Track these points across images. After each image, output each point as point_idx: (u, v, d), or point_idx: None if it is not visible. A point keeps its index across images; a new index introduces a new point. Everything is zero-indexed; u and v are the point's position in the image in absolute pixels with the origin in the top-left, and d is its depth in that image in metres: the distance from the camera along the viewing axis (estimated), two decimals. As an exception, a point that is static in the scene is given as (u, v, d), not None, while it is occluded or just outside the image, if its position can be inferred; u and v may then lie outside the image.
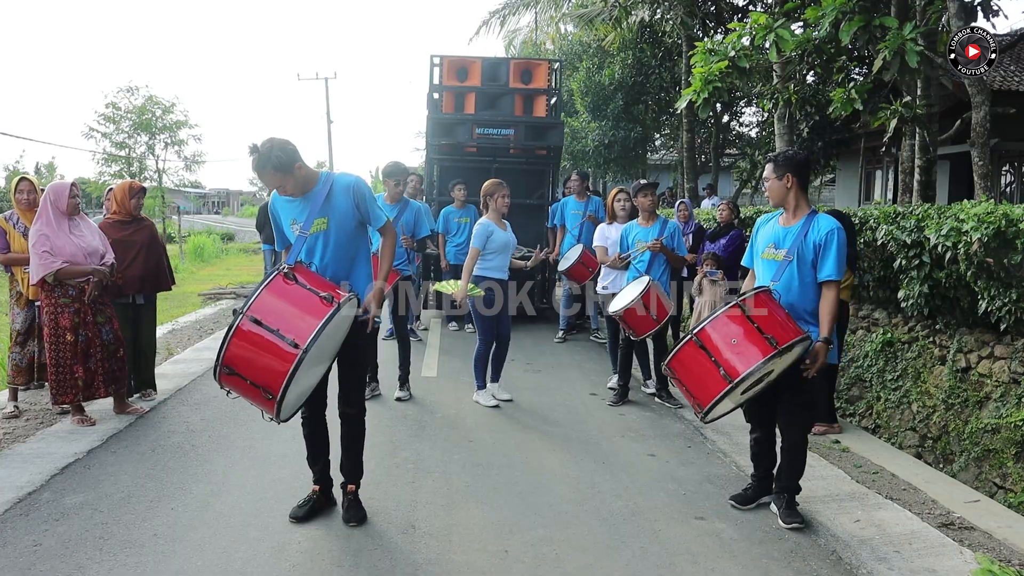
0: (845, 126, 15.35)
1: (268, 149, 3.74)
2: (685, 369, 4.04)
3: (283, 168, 3.79)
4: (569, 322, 9.79)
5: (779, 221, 4.24)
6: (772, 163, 4.23)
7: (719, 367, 3.81)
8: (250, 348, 3.52)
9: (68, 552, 3.78)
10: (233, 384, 3.60)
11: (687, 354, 3.99)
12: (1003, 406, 5.18)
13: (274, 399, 3.47)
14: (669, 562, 3.78)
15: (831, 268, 3.99)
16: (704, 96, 7.61)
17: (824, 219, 4.14)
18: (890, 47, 6.56)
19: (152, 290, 6.55)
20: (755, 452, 4.47)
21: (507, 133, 10.50)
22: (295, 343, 3.44)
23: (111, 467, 4.95)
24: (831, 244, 4.00)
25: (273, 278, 3.65)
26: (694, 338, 3.92)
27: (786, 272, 4.08)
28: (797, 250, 4.05)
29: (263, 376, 3.49)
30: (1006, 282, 5.01)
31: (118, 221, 6.37)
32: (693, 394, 4.02)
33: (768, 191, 4.23)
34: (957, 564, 3.77)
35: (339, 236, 3.98)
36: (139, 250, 6.32)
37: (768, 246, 4.20)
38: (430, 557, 3.80)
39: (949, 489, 4.94)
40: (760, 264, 4.28)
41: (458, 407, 6.52)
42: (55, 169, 45.74)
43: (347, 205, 3.96)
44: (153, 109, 21.15)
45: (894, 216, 6.18)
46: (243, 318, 3.51)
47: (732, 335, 3.85)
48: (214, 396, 6.65)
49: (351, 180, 4.03)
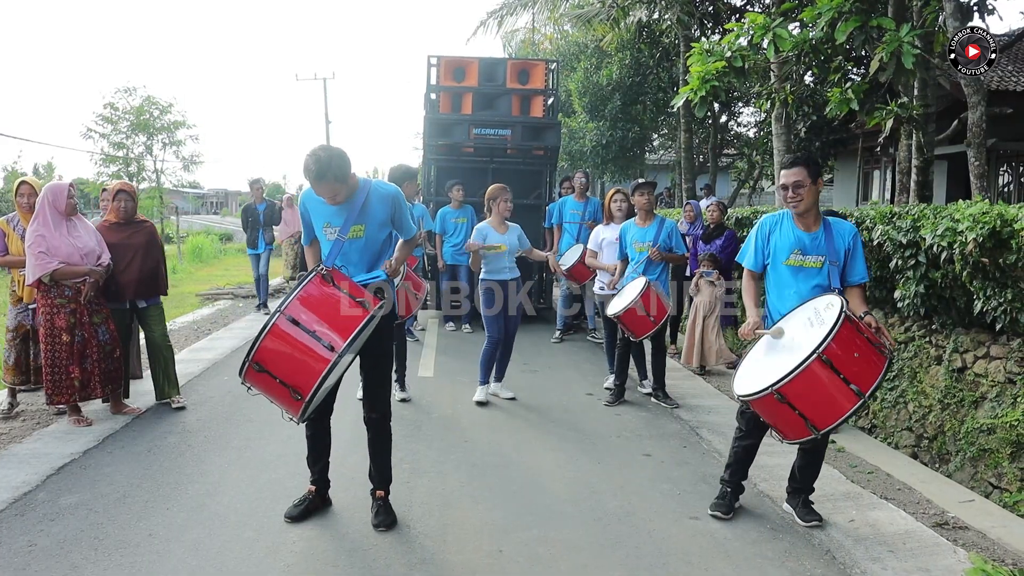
0: (843, 126, 15.36)
1: (328, 159, 3.73)
2: (807, 390, 3.62)
3: (342, 178, 3.81)
4: (567, 322, 9.80)
5: (798, 226, 4.11)
6: (804, 167, 4.03)
7: (849, 384, 3.56)
8: (285, 347, 3.53)
9: (63, 552, 3.78)
10: (259, 381, 3.60)
11: (808, 377, 3.58)
12: (999, 406, 5.18)
13: (302, 399, 3.49)
14: (663, 562, 3.79)
15: (863, 270, 4.06)
16: (701, 95, 7.60)
17: (841, 223, 4.15)
18: (887, 48, 6.56)
19: (150, 295, 6.33)
20: (742, 458, 4.38)
21: (504, 133, 10.52)
22: (331, 346, 3.48)
23: (107, 467, 4.96)
24: (858, 247, 4.05)
25: (311, 279, 3.67)
26: (822, 356, 3.54)
27: (819, 277, 4.03)
28: (833, 256, 4.02)
29: (294, 376, 3.51)
30: (1001, 282, 5.01)
31: (115, 223, 6.21)
32: (808, 417, 3.63)
33: (802, 197, 4.02)
34: (951, 564, 3.77)
35: (372, 243, 4.02)
36: (135, 254, 6.14)
37: (793, 252, 4.07)
38: (424, 557, 3.80)
39: (944, 489, 4.95)
40: (783, 270, 4.12)
41: (454, 407, 6.53)
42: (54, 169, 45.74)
43: (384, 215, 4.00)
44: (151, 109, 21.15)
45: (890, 216, 6.18)
46: (280, 316, 3.53)
47: (855, 350, 3.63)
48: (210, 397, 6.66)
49: (391, 190, 4.06)
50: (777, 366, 3.68)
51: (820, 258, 4.03)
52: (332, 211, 3.97)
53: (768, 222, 4.24)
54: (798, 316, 3.92)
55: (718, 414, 6.36)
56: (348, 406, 5.46)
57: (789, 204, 4.07)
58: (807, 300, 3.95)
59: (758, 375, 3.78)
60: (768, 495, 4.67)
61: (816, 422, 3.60)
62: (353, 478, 4.67)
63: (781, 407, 3.60)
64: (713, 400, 6.93)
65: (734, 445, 4.42)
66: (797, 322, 3.88)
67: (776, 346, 3.90)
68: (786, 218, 4.18)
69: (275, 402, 3.66)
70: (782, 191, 4.10)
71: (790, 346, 3.77)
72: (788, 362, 3.62)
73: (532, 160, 11.04)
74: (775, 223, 4.20)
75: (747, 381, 3.84)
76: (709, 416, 6.37)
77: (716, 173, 17.97)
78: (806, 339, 3.67)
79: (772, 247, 4.17)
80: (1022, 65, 14.71)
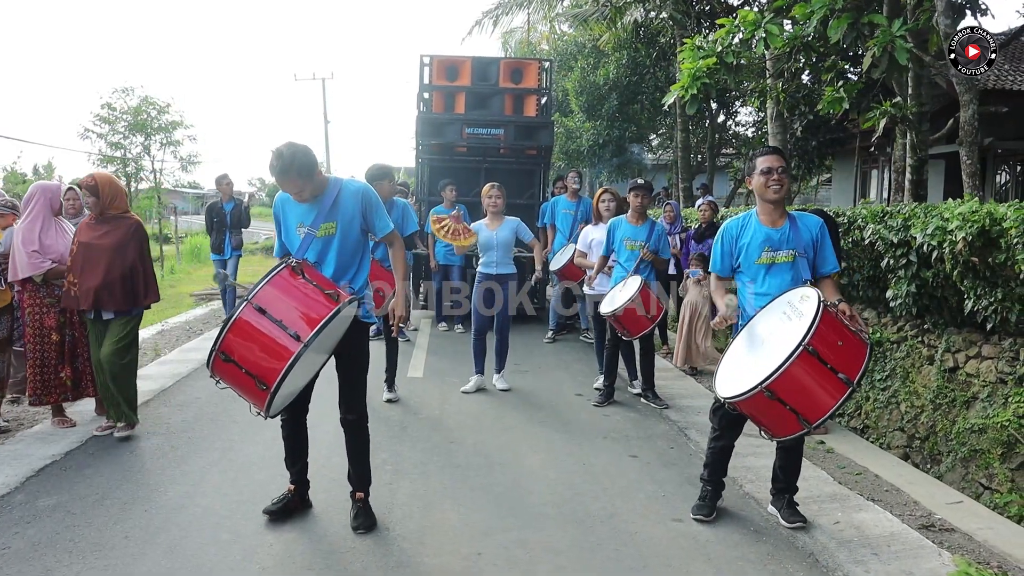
0: (840, 125, 15.31)
1: (292, 155, 3.73)
2: (796, 383, 3.58)
3: (306, 174, 3.79)
4: (559, 322, 9.75)
5: (765, 223, 4.11)
6: (779, 155, 4.09)
7: (836, 373, 3.53)
8: (251, 336, 3.50)
9: (37, 555, 3.74)
10: (226, 372, 3.56)
11: (796, 371, 3.53)
12: (990, 406, 5.14)
13: (267, 389, 3.44)
14: (643, 564, 3.74)
15: (834, 259, 4.13)
16: (692, 93, 7.56)
17: (809, 217, 4.18)
18: (879, 44, 6.52)
19: (116, 305, 5.42)
20: (719, 458, 4.34)
21: (497, 133, 10.50)
22: (297, 336, 3.43)
23: (87, 469, 4.91)
24: (826, 237, 4.10)
25: (280, 270, 3.64)
26: (808, 348, 3.49)
27: (791, 271, 4.03)
28: (802, 248, 4.04)
29: (260, 366, 3.46)
30: (991, 281, 4.97)
31: (92, 221, 5.56)
32: (799, 411, 3.59)
33: (780, 186, 4.04)
34: (935, 566, 3.73)
35: (344, 241, 3.98)
36: (102, 256, 5.38)
37: (764, 250, 4.06)
38: (402, 560, 3.76)
39: (932, 490, 4.90)
40: (756, 269, 4.10)
41: (442, 408, 6.48)
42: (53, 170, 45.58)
43: (354, 211, 3.96)
44: (148, 110, 21.10)
45: (882, 215, 6.14)
46: (247, 306, 3.49)
47: (838, 339, 3.62)
48: (197, 397, 6.62)
49: (360, 186, 4.05)
50: (761, 364, 3.63)
51: (791, 252, 4.03)
52: (304, 210, 3.94)
53: (733, 227, 4.22)
54: (772, 311, 3.88)
55: (707, 415, 6.30)
56: (330, 409, 5.40)
57: (770, 189, 4.04)
58: (780, 294, 3.93)
59: (741, 375, 3.72)
60: (753, 497, 4.62)
61: (807, 415, 3.55)
62: (335, 480, 4.62)
63: (771, 404, 3.55)
64: (703, 401, 6.87)
65: (710, 446, 4.38)
66: (773, 317, 3.84)
67: (756, 344, 3.85)
68: (752, 218, 4.17)
69: (242, 395, 3.62)
70: (764, 176, 4.05)
71: (770, 342, 3.73)
72: (772, 358, 3.57)
73: (525, 160, 11.01)
74: (740, 226, 4.19)
75: (731, 383, 3.77)
76: (698, 417, 6.31)
77: (714, 172, 17.92)
78: (787, 333, 3.62)
79: (741, 249, 4.15)
80: (1019, 64, 14.65)
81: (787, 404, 3.54)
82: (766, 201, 4.10)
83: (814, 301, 3.62)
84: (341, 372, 4.09)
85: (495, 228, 6.95)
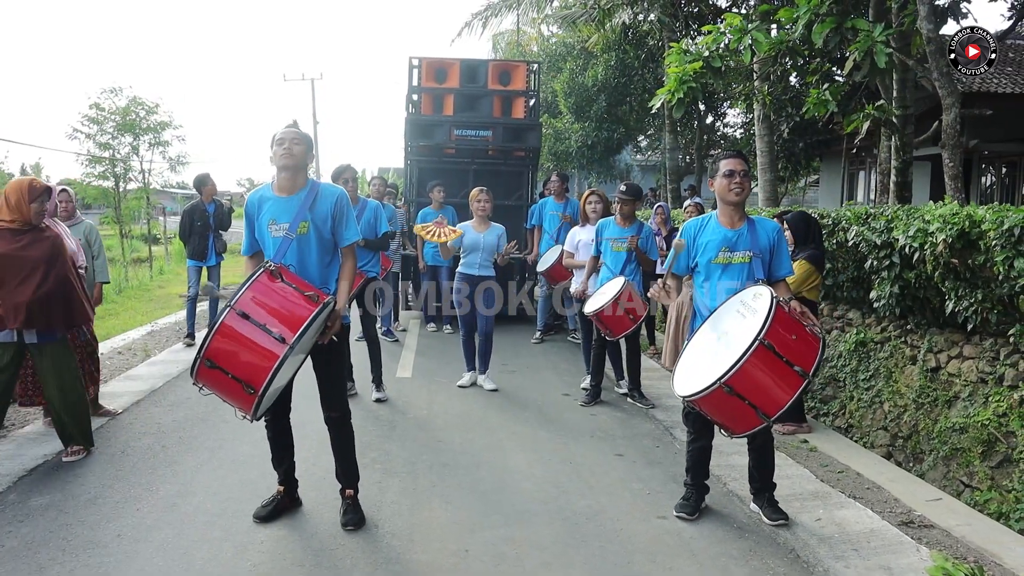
0: (827, 127, 15.43)
1: (302, 131, 4.01)
2: (753, 378, 3.64)
3: (308, 148, 4.01)
4: (547, 323, 9.81)
5: (724, 224, 4.21)
6: (741, 159, 4.19)
7: (792, 366, 3.61)
8: (235, 341, 3.53)
9: (30, 553, 3.77)
10: (211, 379, 3.59)
11: (753, 366, 3.60)
12: (971, 405, 5.22)
13: (255, 393, 3.48)
14: (627, 560, 3.80)
15: (788, 264, 4.24)
16: (679, 96, 7.64)
17: (765, 220, 4.32)
18: (860, 48, 6.61)
19: (50, 324, 4.98)
20: (699, 460, 4.40)
21: (485, 135, 10.55)
22: (282, 338, 3.47)
23: (79, 468, 4.94)
24: (782, 242, 4.22)
25: (259, 275, 3.67)
26: (764, 342, 3.55)
27: (747, 272, 4.12)
28: (758, 250, 4.14)
29: (246, 370, 3.50)
30: (971, 283, 5.05)
31: (7, 229, 4.89)
32: (757, 406, 3.65)
33: (741, 189, 4.14)
34: (913, 562, 3.80)
35: (319, 242, 4.01)
36: (32, 270, 4.86)
37: (721, 250, 4.16)
38: (391, 556, 3.81)
39: (912, 488, 4.98)
40: (712, 268, 4.19)
41: (430, 408, 6.54)
42: (41, 170, 45.45)
43: (327, 213, 4.00)
44: (136, 110, 21.05)
45: (865, 217, 6.23)
46: (230, 312, 3.53)
47: (791, 333, 3.70)
48: (187, 398, 6.65)
49: (336, 190, 4.09)
50: (718, 360, 3.71)
51: (747, 253, 4.14)
52: (280, 207, 3.95)
53: (691, 226, 4.33)
54: (728, 310, 3.97)
55: (694, 414, 6.38)
56: (316, 408, 5.46)
57: (732, 191, 4.14)
58: (734, 294, 4.03)
59: (698, 373, 3.80)
60: (736, 494, 4.69)
61: (766, 409, 3.63)
62: (323, 478, 4.66)
63: (730, 399, 3.62)
64: (690, 400, 6.94)
65: (688, 448, 4.45)
66: (728, 315, 3.94)
67: (712, 342, 3.94)
68: (711, 219, 4.28)
69: (228, 400, 3.66)
70: (726, 179, 4.14)
71: (726, 339, 3.81)
72: (729, 354, 3.65)
73: (513, 161, 11.07)
74: (699, 226, 4.29)
75: (689, 381, 3.85)
76: (684, 416, 6.39)
77: (702, 174, 18.02)
78: (742, 329, 3.71)
79: (699, 247, 4.24)
80: (1003, 67, 14.79)
81: (745, 399, 3.62)
82: (727, 203, 4.20)
83: (767, 298, 3.72)
84: (320, 371, 4.13)
85: (482, 231, 7.08)
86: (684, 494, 4.44)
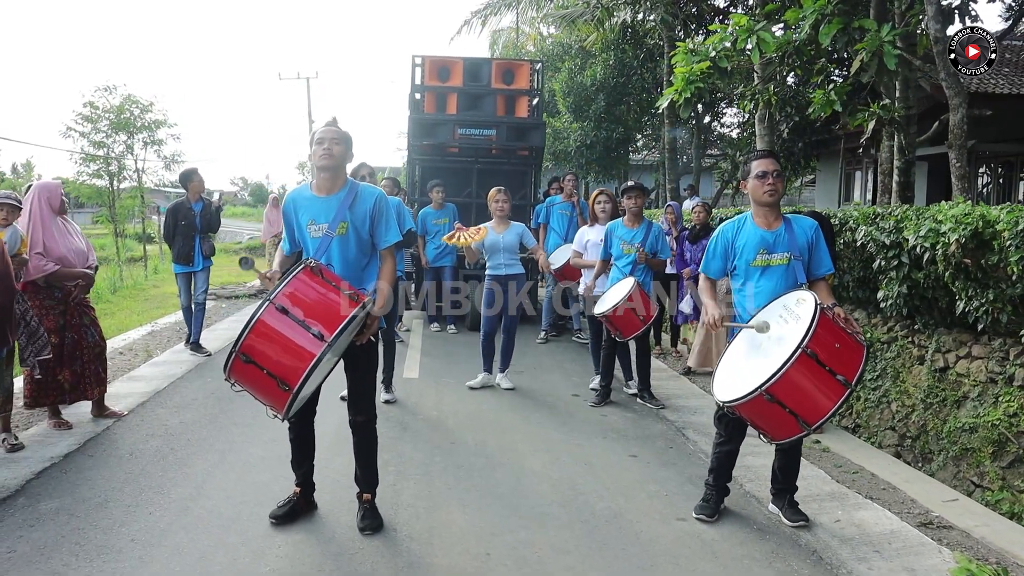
0: (825, 127, 15.44)
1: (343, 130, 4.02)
2: (795, 386, 3.61)
3: (348, 146, 3.99)
4: (552, 323, 9.79)
5: (760, 225, 4.17)
6: (774, 158, 4.15)
7: (835, 375, 3.57)
8: (273, 336, 3.48)
9: (43, 558, 3.72)
10: (245, 375, 3.54)
11: (795, 374, 3.56)
12: (980, 405, 5.22)
13: (289, 391, 3.43)
14: (651, 563, 3.78)
15: (828, 261, 4.19)
16: (686, 96, 7.63)
17: (801, 218, 4.25)
18: (868, 49, 6.61)
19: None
20: (724, 463, 4.37)
21: (489, 133, 10.52)
22: (320, 335, 3.43)
23: (88, 471, 4.89)
24: (820, 239, 4.17)
25: (299, 271, 3.64)
26: (806, 350, 3.51)
27: (786, 274, 4.09)
28: (797, 251, 4.10)
29: (282, 366, 3.45)
30: (983, 283, 5.05)
31: None
32: (798, 414, 3.62)
33: (774, 189, 4.10)
34: (936, 563, 3.79)
35: (358, 243, 3.99)
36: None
37: (759, 252, 4.12)
38: (411, 561, 3.78)
39: (927, 488, 4.98)
40: (751, 271, 4.15)
41: (440, 409, 6.51)
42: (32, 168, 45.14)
43: (365, 214, 3.98)
44: (131, 108, 20.92)
45: (873, 217, 6.22)
46: (268, 306, 3.48)
47: (835, 341, 3.66)
48: (194, 399, 6.60)
49: (376, 191, 4.07)
50: (759, 367, 3.68)
51: (786, 254, 4.10)
52: (318, 207, 3.94)
53: (729, 228, 4.27)
54: (769, 314, 3.93)
55: (704, 415, 6.36)
56: (332, 408, 5.43)
57: (766, 192, 4.10)
58: (776, 297, 3.99)
59: (740, 379, 3.77)
60: (754, 496, 4.68)
61: (807, 417, 3.59)
62: (338, 481, 4.64)
63: (771, 407, 3.60)
64: (698, 401, 6.94)
65: (715, 451, 4.41)
66: (769, 320, 3.89)
67: (753, 347, 3.90)
68: (747, 221, 4.23)
69: (259, 397, 3.61)
70: (759, 179, 4.10)
71: (767, 345, 3.78)
72: (770, 361, 3.61)
73: (517, 160, 11.05)
74: (736, 228, 4.24)
75: (729, 386, 3.81)
76: (694, 417, 6.38)
77: (700, 173, 18.02)
78: (784, 336, 3.68)
79: (737, 250, 4.20)
80: (1001, 67, 14.84)
81: (786, 407, 3.59)
82: (761, 204, 4.16)
83: (810, 304, 3.68)
84: (350, 374, 4.10)
85: (501, 232, 7.12)
86: (704, 495, 4.41)
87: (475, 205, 10.53)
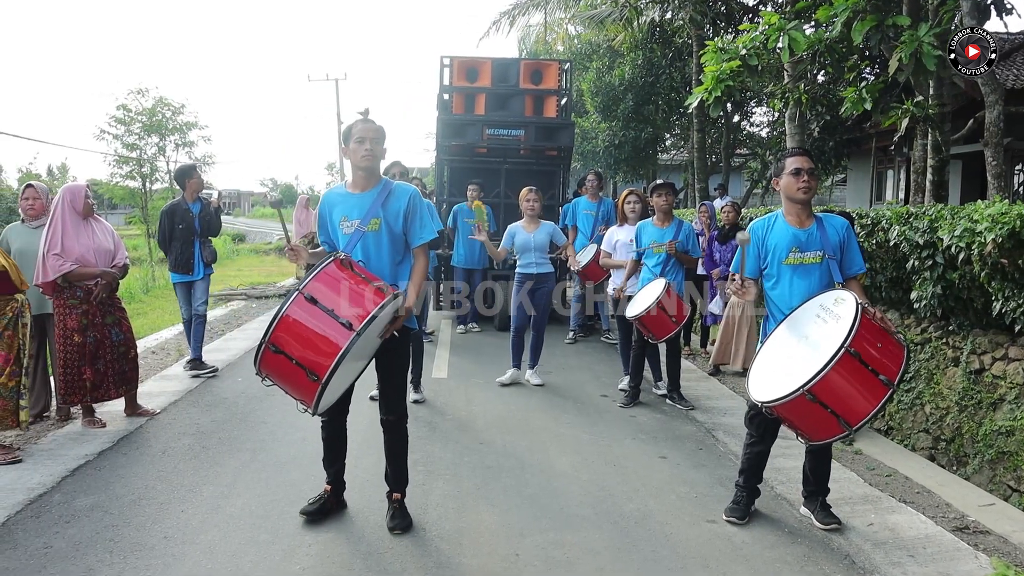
0: (856, 126, 15.27)
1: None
2: (837, 386, 3.54)
3: (383, 139, 4.01)
4: (580, 323, 9.77)
5: (792, 224, 4.12)
6: (808, 156, 4.12)
7: (878, 375, 3.51)
8: (302, 326, 3.51)
9: (78, 554, 3.78)
10: (275, 367, 3.57)
11: (838, 374, 3.50)
12: (1017, 408, 5.13)
13: (319, 381, 3.44)
14: (681, 565, 3.76)
15: (860, 260, 4.16)
16: (716, 95, 7.57)
17: (834, 218, 4.20)
18: (906, 49, 6.50)
19: None
20: (755, 464, 4.33)
21: (517, 134, 10.52)
22: (349, 324, 3.44)
23: (121, 469, 4.96)
24: (852, 238, 4.13)
25: (329, 263, 3.66)
26: (849, 350, 3.46)
27: (819, 272, 4.06)
28: (831, 250, 4.06)
29: (311, 356, 3.47)
30: (1021, 283, 4.96)
31: None
32: (840, 414, 3.55)
33: (808, 187, 4.06)
34: (972, 569, 3.73)
35: (391, 240, 4.00)
36: None
37: (792, 251, 4.08)
38: (441, 561, 3.78)
39: (963, 492, 4.90)
40: (784, 270, 4.11)
41: (469, 409, 6.51)
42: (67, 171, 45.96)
43: (399, 211, 3.99)
44: (163, 111, 21.26)
45: (907, 217, 6.13)
46: (298, 295, 3.51)
47: (877, 340, 3.60)
48: (224, 398, 6.66)
49: (410, 189, 4.09)
50: (799, 367, 3.62)
51: (819, 253, 4.06)
52: (352, 204, 3.97)
53: (759, 226, 4.23)
54: (806, 313, 3.88)
55: (734, 416, 6.32)
56: (362, 407, 5.45)
57: (800, 189, 4.06)
58: (811, 296, 3.94)
59: (778, 379, 3.72)
60: (785, 498, 4.63)
61: (848, 418, 3.53)
62: (368, 480, 4.66)
63: (812, 407, 3.55)
64: (728, 402, 6.89)
65: (746, 451, 4.37)
66: (806, 319, 3.85)
67: (790, 347, 3.85)
68: (778, 219, 4.19)
69: (289, 391, 3.64)
70: (793, 176, 4.06)
71: (806, 345, 3.73)
72: (811, 361, 3.56)
73: (545, 160, 11.03)
74: (767, 226, 4.20)
75: (767, 386, 3.76)
76: (724, 418, 6.33)
77: (729, 173, 17.91)
78: (824, 336, 3.63)
79: (769, 249, 4.15)
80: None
81: (828, 407, 3.53)
82: (794, 201, 4.11)
83: (851, 303, 3.62)
84: (382, 372, 4.11)
85: (532, 231, 7.22)
86: (734, 497, 4.38)
87: (503, 205, 10.53)
